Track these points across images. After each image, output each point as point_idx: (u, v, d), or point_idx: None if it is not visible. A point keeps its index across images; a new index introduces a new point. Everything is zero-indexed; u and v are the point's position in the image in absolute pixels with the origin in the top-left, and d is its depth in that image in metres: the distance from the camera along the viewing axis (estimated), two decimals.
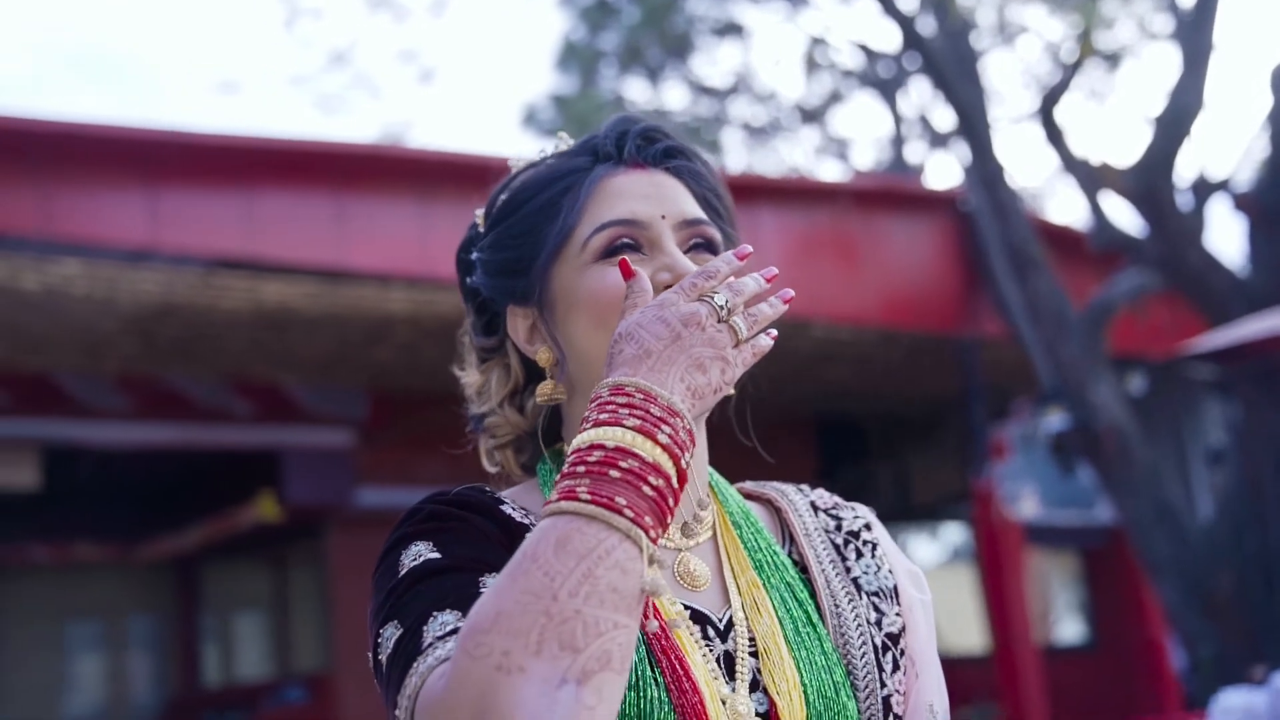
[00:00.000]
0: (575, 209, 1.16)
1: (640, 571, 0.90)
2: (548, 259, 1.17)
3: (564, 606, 0.86)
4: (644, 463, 0.92)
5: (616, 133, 1.22)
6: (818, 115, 16.37)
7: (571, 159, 1.21)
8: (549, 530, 0.89)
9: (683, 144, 1.24)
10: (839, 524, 1.24)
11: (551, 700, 0.84)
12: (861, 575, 1.20)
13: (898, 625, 1.18)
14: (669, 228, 1.16)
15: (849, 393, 10.02)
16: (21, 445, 7.46)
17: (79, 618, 10.94)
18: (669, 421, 0.94)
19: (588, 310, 1.14)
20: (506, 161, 1.28)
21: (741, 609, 1.13)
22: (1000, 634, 8.24)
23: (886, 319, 8.23)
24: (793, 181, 9.07)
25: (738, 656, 1.09)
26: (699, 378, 0.98)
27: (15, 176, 5.40)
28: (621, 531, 0.89)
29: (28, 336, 6.61)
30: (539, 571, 0.87)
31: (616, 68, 16.75)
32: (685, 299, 1.01)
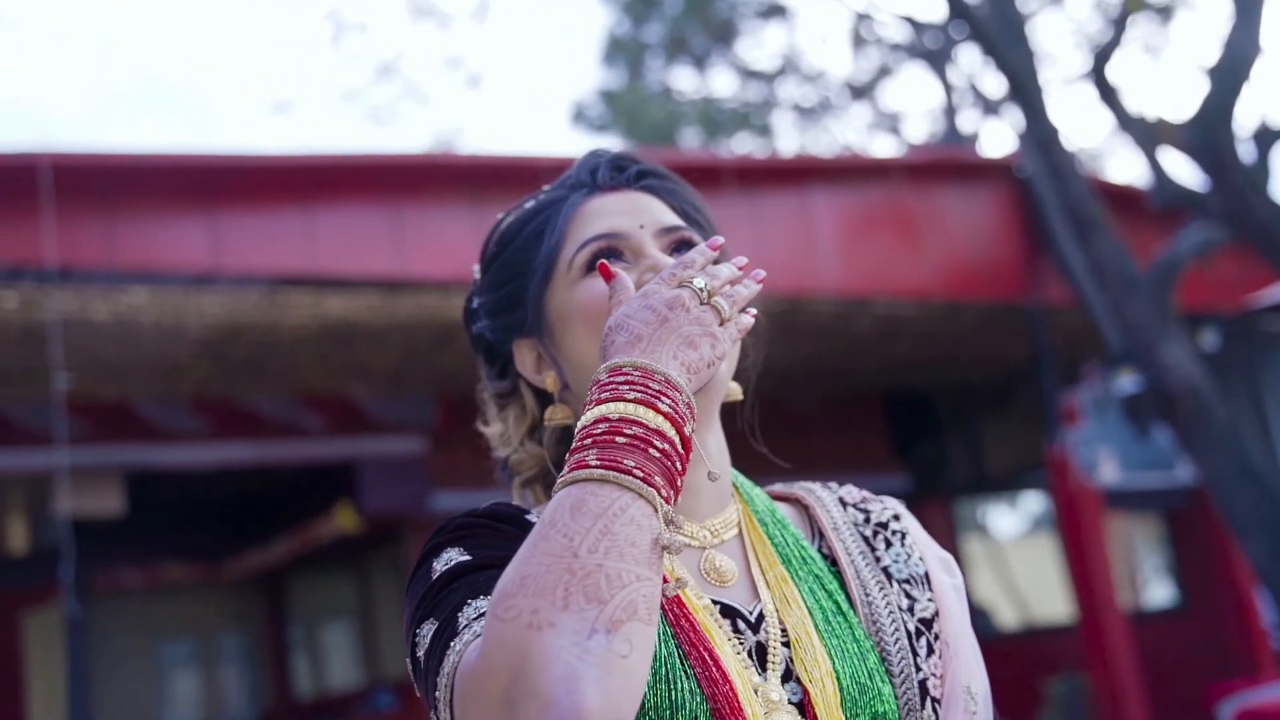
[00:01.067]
0: (558, 234, 1.22)
1: (655, 528, 0.92)
2: (539, 285, 1.22)
3: (585, 562, 0.88)
4: (648, 429, 0.95)
5: (589, 165, 1.28)
6: (867, 91, 16.25)
7: (549, 194, 1.28)
8: (563, 499, 0.92)
9: (654, 167, 1.30)
10: (867, 516, 1.27)
11: (583, 650, 0.86)
12: (892, 564, 1.23)
13: (930, 610, 1.20)
14: (649, 235, 1.22)
15: (916, 367, 9.95)
16: (105, 472, 7.63)
17: (172, 637, 11.17)
18: (668, 394, 0.98)
19: (581, 320, 1.18)
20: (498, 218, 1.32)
21: (772, 602, 1.15)
22: (1085, 602, 8.15)
23: (949, 292, 8.16)
24: (845, 160, 9.01)
25: (769, 647, 1.12)
26: (691, 354, 1.02)
27: (81, 209, 5.52)
28: (633, 491, 0.92)
29: (103, 366, 6.76)
30: (558, 534, 0.90)
31: (662, 59, 16.76)
32: (667, 287, 1.05)
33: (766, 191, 7.58)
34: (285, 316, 6.46)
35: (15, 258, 5.41)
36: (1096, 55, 8.05)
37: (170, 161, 5.86)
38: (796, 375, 9.44)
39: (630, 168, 1.28)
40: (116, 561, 9.87)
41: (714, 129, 16.17)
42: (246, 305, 6.27)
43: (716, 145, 16.07)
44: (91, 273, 5.63)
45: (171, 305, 6.11)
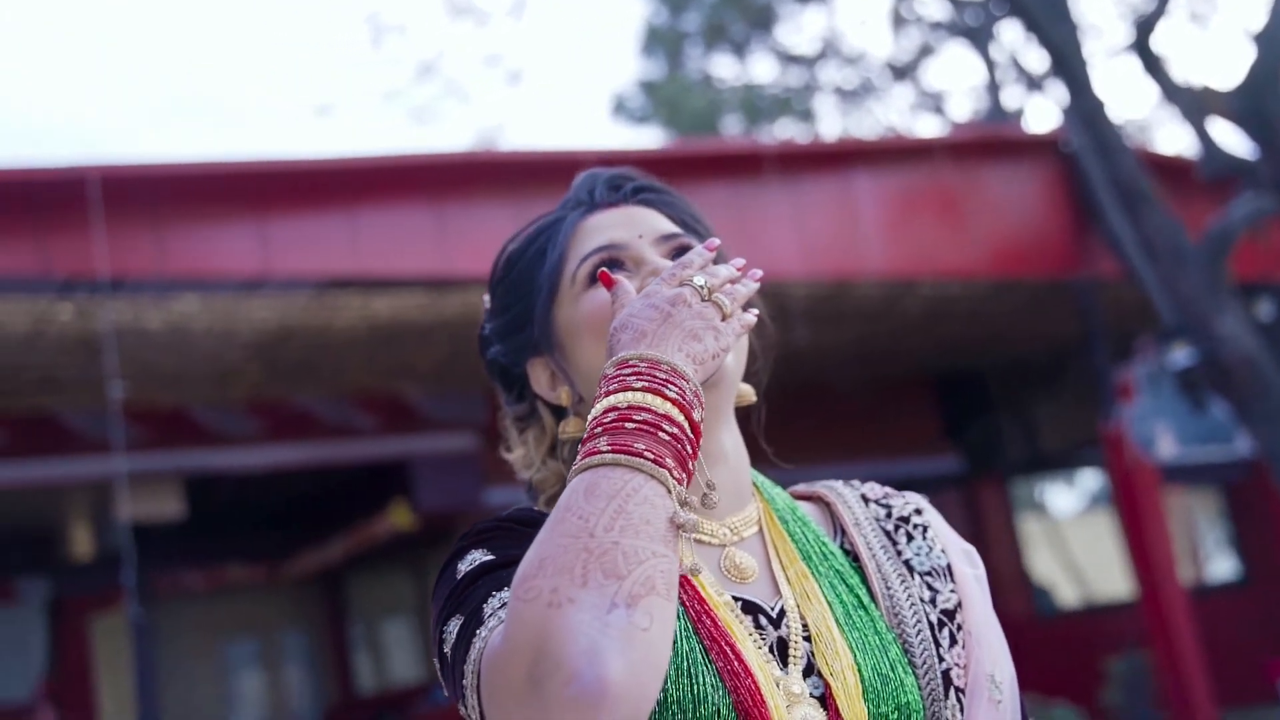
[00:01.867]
0: (560, 251, 1.25)
1: (669, 507, 0.94)
2: (545, 302, 1.24)
3: (602, 540, 0.90)
4: (656, 414, 0.97)
5: (587, 185, 1.30)
6: (909, 71, 16.13)
7: (550, 216, 1.30)
8: (577, 484, 0.94)
9: (650, 182, 1.31)
10: (889, 511, 1.28)
11: (604, 624, 0.87)
12: (913, 557, 1.23)
13: (953, 601, 1.21)
14: (648, 244, 1.23)
15: (967, 347, 9.89)
16: (163, 477, 7.75)
17: (235, 637, 11.33)
18: (675, 382, 1.00)
19: (589, 331, 1.20)
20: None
21: (793, 597, 1.16)
22: (1144, 579, 8.07)
23: (997, 270, 8.10)
24: (887, 142, 8.96)
25: (791, 641, 1.13)
26: (695, 346, 1.03)
27: (132, 220, 5.60)
28: (645, 473, 0.94)
29: (159, 373, 6.86)
30: (574, 517, 0.91)
31: (701, 47, 16.71)
32: (668, 286, 1.08)
33: (809, 177, 7.55)
34: (334, 318, 6.53)
35: (69, 270, 5.50)
36: (1140, 25, 7.95)
37: (216, 170, 5.94)
38: (844, 359, 9.41)
39: (626, 185, 1.30)
40: (179, 565, 10.02)
41: (755, 116, 16.11)
42: (296, 308, 6.34)
43: (758, 132, 16.01)
44: (143, 282, 5.72)
45: (222, 311, 6.20)
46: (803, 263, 7.26)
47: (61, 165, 5.49)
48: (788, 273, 7.17)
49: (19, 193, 5.49)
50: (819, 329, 8.00)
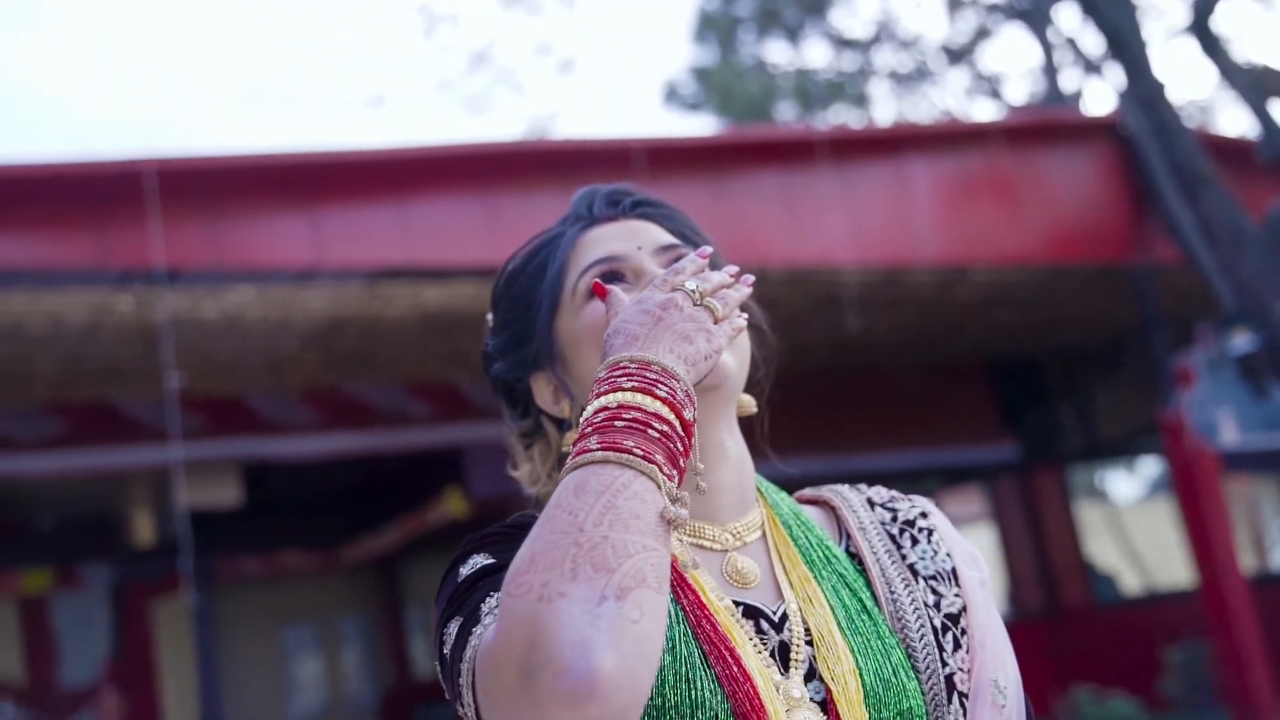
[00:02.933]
0: (560, 265, 1.26)
1: (659, 502, 0.94)
2: (547, 316, 1.25)
3: (591, 535, 0.90)
4: (646, 412, 0.98)
5: (585, 201, 1.32)
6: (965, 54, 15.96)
7: (549, 233, 1.32)
8: (567, 482, 0.95)
9: (649, 196, 1.32)
10: (895, 515, 1.27)
11: (594, 617, 0.87)
12: (918, 561, 1.23)
13: (957, 606, 1.21)
14: (648, 255, 1.24)
15: (1023, 334, 9.79)
16: (222, 465, 7.86)
17: (294, 623, 11.48)
18: (665, 382, 1.00)
19: (589, 343, 1.20)
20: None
21: (795, 602, 1.16)
22: (1205, 567, 7.95)
23: (1053, 256, 8.01)
24: (941, 126, 8.88)
25: (792, 646, 1.12)
26: (687, 347, 1.04)
27: (187, 213, 5.68)
28: (634, 469, 0.94)
29: (216, 363, 6.96)
30: (563, 513, 0.92)
31: (754, 32, 16.63)
32: (660, 292, 1.09)
33: (862, 163, 7.50)
34: (386, 308, 6.59)
35: (127, 262, 5.59)
36: (1199, 6, 7.81)
37: (270, 162, 6.00)
38: (898, 347, 9.35)
39: (625, 199, 1.31)
40: (238, 551, 10.17)
41: (809, 102, 16.02)
42: (348, 298, 6.40)
43: (812, 118, 15.92)
44: (199, 273, 5.80)
45: (276, 301, 6.27)
46: (856, 249, 7.21)
47: (119, 159, 5.57)
48: (841, 259, 7.13)
49: (79, 186, 5.58)
50: (872, 316, 7.95)
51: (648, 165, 6.50)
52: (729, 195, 7.10)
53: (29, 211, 5.53)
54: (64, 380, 6.97)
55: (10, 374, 6.75)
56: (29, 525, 9.79)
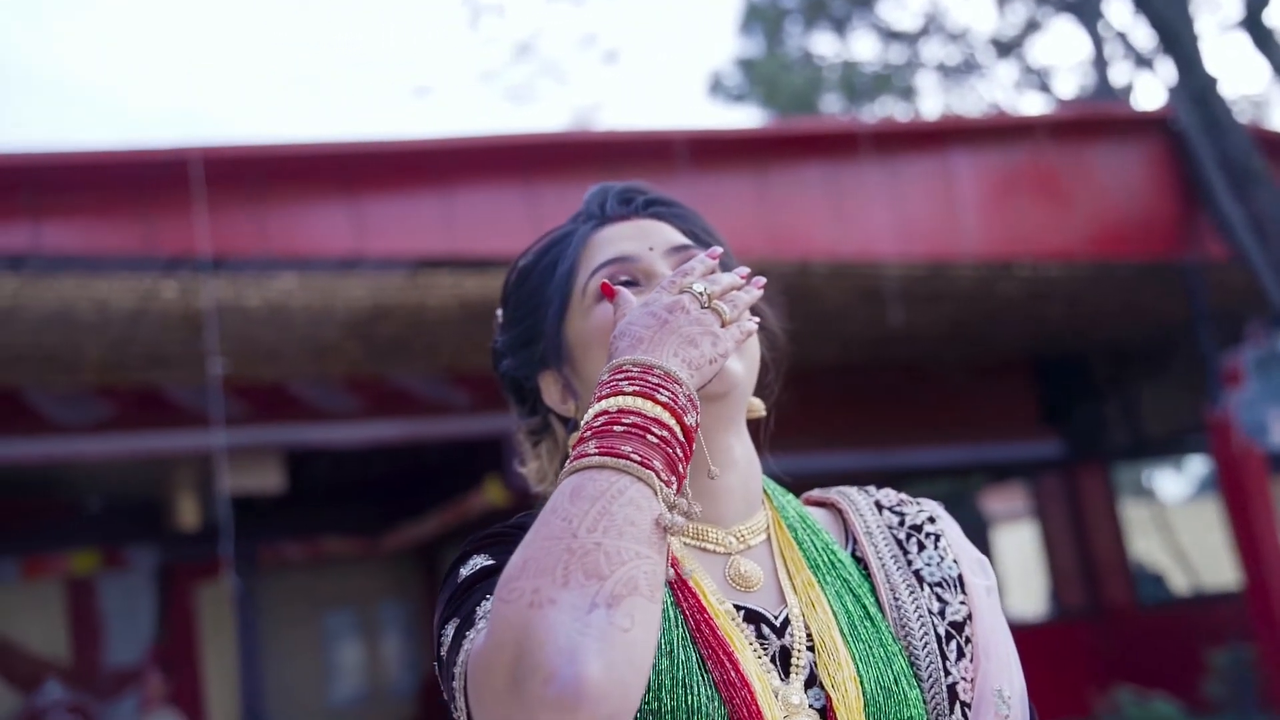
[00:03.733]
0: (570, 264, 1.25)
1: (655, 508, 0.93)
2: (556, 315, 1.25)
3: (584, 541, 0.89)
4: (645, 417, 0.97)
5: (598, 199, 1.31)
6: (1014, 47, 15.81)
7: (560, 230, 1.31)
8: (564, 487, 0.94)
9: (662, 195, 1.31)
10: (902, 519, 1.26)
11: (584, 624, 0.86)
12: (924, 567, 1.22)
13: (962, 613, 1.20)
14: (659, 256, 1.23)
15: (1068, 330, 9.70)
16: (265, 451, 7.93)
17: (335, 608, 11.58)
18: (667, 386, 0.99)
19: (600, 344, 1.19)
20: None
21: (798, 607, 1.15)
22: (1251, 569, 7.85)
23: (1099, 251, 7.92)
24: (987, 120, 8.79)
25: (794, 651, 1.11)
26: (692, 351, 1.03)
27: (232, 200, 5.73)
28: (631, 474, 0.93)
29: (260, 349, 7.02)
30: (558, 519, 0.91)
31: (801, 24, 16.55)
32: (667, 293, 1.08)
33: (906, 156, 7.45)
34: (428, 297, 6.62)
35: (173, 249, 5.65)
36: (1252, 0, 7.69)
37: (314, 151, 6.04)
38: (941, 341, 9.29)
39: (637, 198, 1.30)
40: (280, 536, 10.26)
41: (855, 94, 15.93)
42: (391, 288, 6.44)
43: (857, 111, 15.83)
44: (243, 261, 5.85)
45: (319, 290, 6.32)
46: (899, 243, 7.17)
47: (166, 147, 5.63)
48: (883, 253, 7.09)
49: (126, 174, 5.64)
50: (915, 310, 7.90)
51: (690, 157, 6.49)
52: (772, 188, 7.08)
53: (78, 198, 5.61)
54: (111, 365, 7.06)
55: (60, 358, 6.84)
56: (77, 507, 9.94)
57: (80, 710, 9.52)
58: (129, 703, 9.67)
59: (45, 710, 9.44)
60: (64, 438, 7.45)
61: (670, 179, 6.44)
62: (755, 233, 6.90)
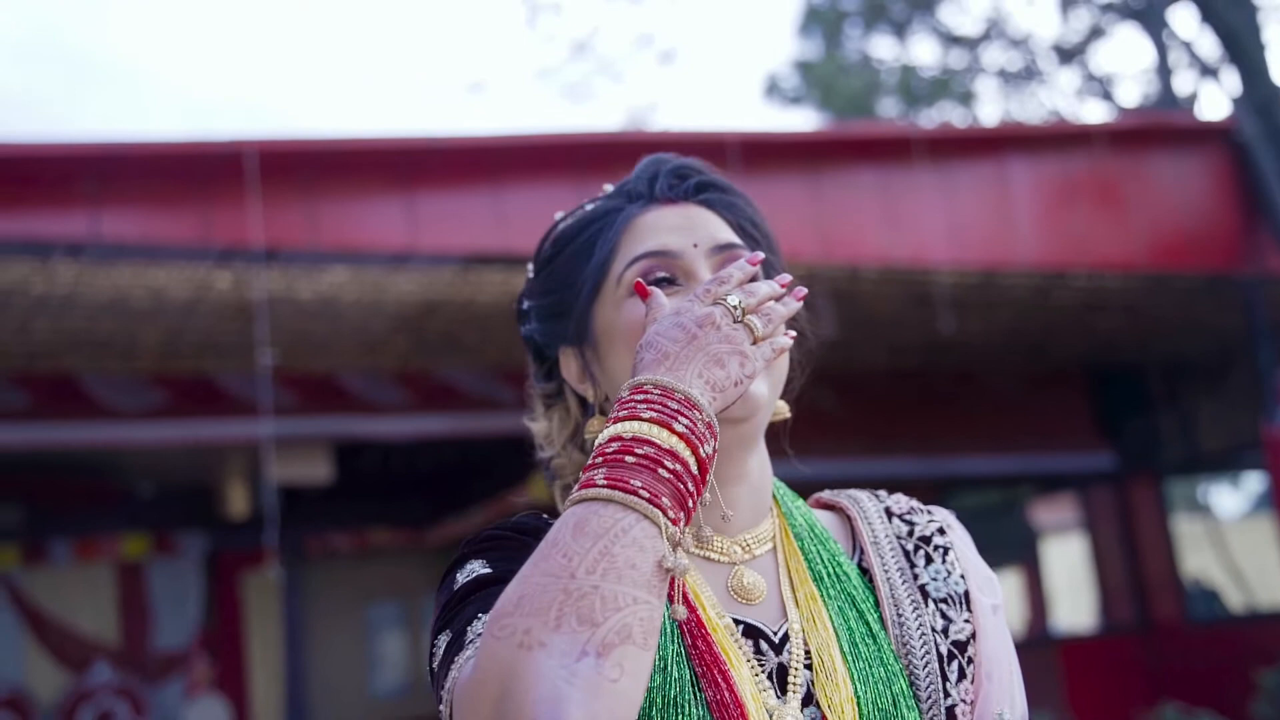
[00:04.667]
0: (609, 247, 1.20)
1: (659, 550, 0.90)
2: (588, 298, 1.20)
3: (581, 583, 0.87)
4: (659, 448, 0.93)
5: (649, 173, 1.25)
6: (1077, 54, 15.64)
7: (606, 202, 1.26)
8: (568, 518, 0.91)
9: (715, 178, 1.25)
10: (911, 530, 1.23)
11: (570, 672, 0.85)
12: (930, 582, 1.19)
13: (966, 632, 1.17)
14: (702, 255, 1.18)
15: (1124, 341, 9.58)
16: (314, 442, 8.00)
17: (379, 600, 11.66)
18: (686, 413, 0.96)
19: (626, 341, 1.16)
20: (555, 218, 1.33)
21: (799, 622, 1.12)
22: None
23: (1157, 263, 7.81)
24: (1045, 127, 8.70)
25: (791, 669, 1.09)
26: (717, 372, 0.99)
27: (286, 193, 5.79)
28: (638, 512, 0.90)
29: (311, 341, 7.09)
30: (558, 554, 0.89)
31: (861, 27, 16.47)
32: (700, 304, 1.04)
33: (961, 162, 7.39)
34: (478, 293, 6.65)
35: (227, 240, 5.71)
36: None
37: (368, 145, 6.09)
38: (993, 350, 9.21)
39: (690, 179, 1.24)
40: (328, 527, 10.35)
41: (913, 99, 15.82)
42: (441, 283, 6.47)
43: (915, 115, 15.72)
44: (296, 253, 5.90)
45: (370, 284, 6.36)
46: (951, 250, 7.11)
47: (222, 139, 5.69)
48: (935, 259, 7.04)
49: (183, 165, 5.71)
50: (966, 318, 7.84)
51: (743, 159, 6.47)
52: (824, 191, 7.04)
53: (137, 188, 5.68)
54: (165, 353, 7.15)
55: (116, 345, 6.94)
56: (130, 492, 10.08)
57: (127, 693, 9.65)
58: (174, 687, 9.79)
59: (93, 691, 9.59)
60: (118, 423, 7.56)
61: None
62: (806, 236, 6.87)
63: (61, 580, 9.83)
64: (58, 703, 9.53)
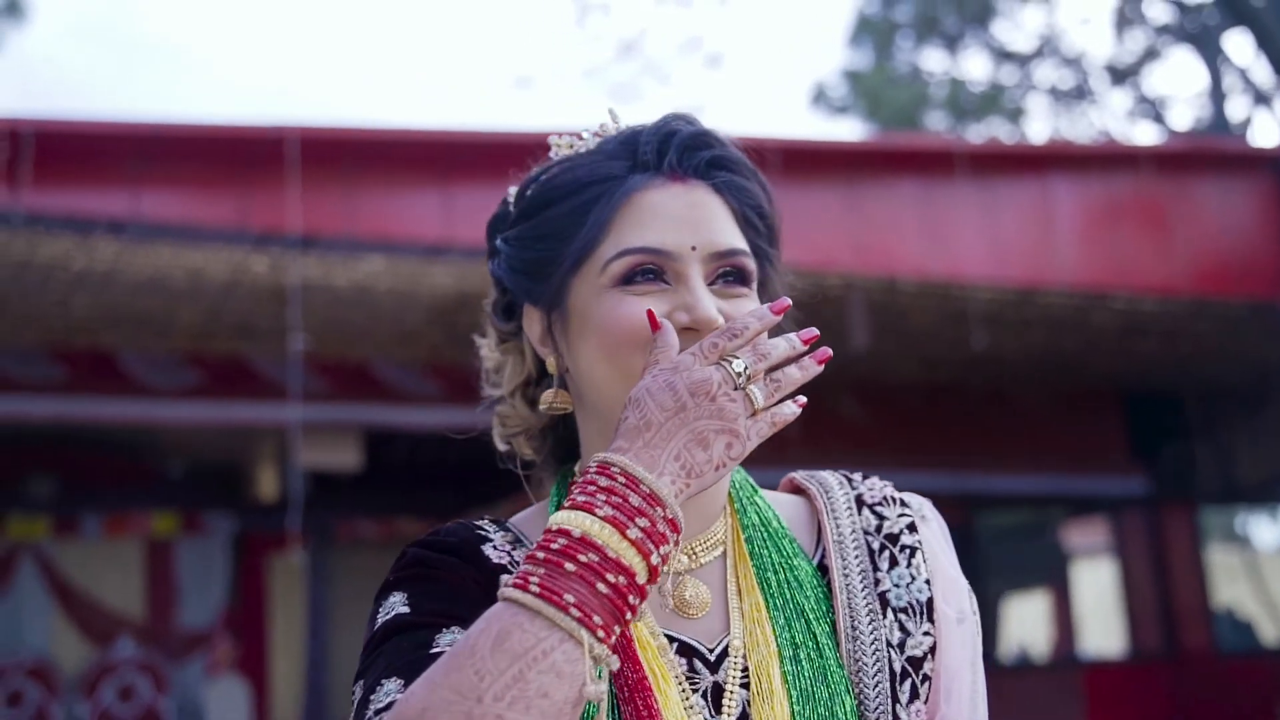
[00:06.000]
0: (602, 223, 1.08)
1: (578, 675, 0.85)
2: (567, 271, 1.10)
3: (486, 710, 0.83)
4: (605, 557, 0.88)
5: (659, 137, 1.12)
6: (1130, 75, 15.50)
7: (608, 161, 1.12)
8: (493, 621, 0.87)
9: (728, 153, 1.13)
10: (880, 525, 1.15)
11: None
12: (891, 589, 1.11)
13: (924, 646, 1.10)
14: (698, 260, 1.07)
15: (1162, 365, 9.47)
16: (344, 429, 8.05)
17: None
18: (646, 513, 0.89)
19: (598, 338, 1.07)
20: (548, 138, 1.21)
21: (740, 637, 1.07)
22: None
23: (1199, 288, 7.73)
24: (1090, 148, 8.63)
25: (726, 689, 1.04)
26: (698, 455, 0.92)
27: (325, 181, 5.83)
28: (564, 630, 0.85)
29: (345, 329, 7.13)
30: (470, 670, 0.85)
31: (912, 39, 16.40)
32: (702, 362, 0.95)
33: (1003, 178, 7.34)
34: None
35: (265, 225, 5.76)
36: None
37: (408, 137, 6.12)
38: (1028, 368, 9.13)
39: (703, 152, 1.11)
40: (356, 513, 10.41)
41: (961, 113, 15.73)
42: (476, 276, 6.49)
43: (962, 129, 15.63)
44: (333, 241, 5.94)
45: (405, 275, 6.39)
46: (990, 266, 7.07)
47: (264, 125, 5.74)
48: (972, 275, 7.00)
49: (224, 149, 5.77)
50: (1003, 335, 7.78)
51: (782, 166, 6.45)
52: (863, 202, 7.02)
53: (178, 169, 5.75)
54: (202, 333, 7.22)
55: (153, 323, 7.01)
56: (161, 470, 10.18)
57: (149, 668, 9.75)
58: (196, 666, 9.88)
59: (116, 665, 9.69)
60: (152, 401, 7.64)
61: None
62: (843, 246, 6.85)
63: (91, 554, 9.95)
64: (81, 674, 9.64)
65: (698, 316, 1.04)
